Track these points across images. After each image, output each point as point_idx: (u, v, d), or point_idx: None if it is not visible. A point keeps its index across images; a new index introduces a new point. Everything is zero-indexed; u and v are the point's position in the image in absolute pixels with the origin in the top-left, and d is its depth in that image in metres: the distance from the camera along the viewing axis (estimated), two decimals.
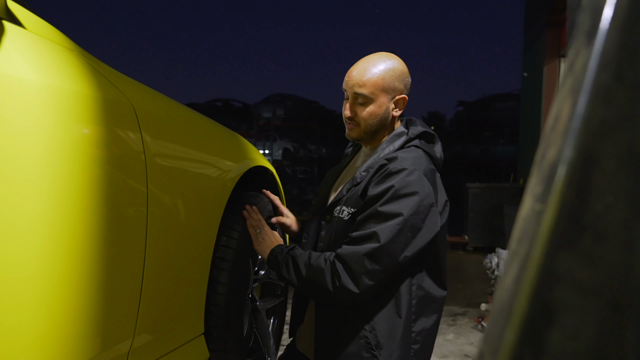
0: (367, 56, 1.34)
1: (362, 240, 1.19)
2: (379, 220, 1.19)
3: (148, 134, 1.04)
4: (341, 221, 1.30)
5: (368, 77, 1.29)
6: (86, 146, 0.88)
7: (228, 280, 1.33)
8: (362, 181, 1.30)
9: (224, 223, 1.37)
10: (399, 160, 1.25)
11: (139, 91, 1.10)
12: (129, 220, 0.98)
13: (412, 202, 1.19)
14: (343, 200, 1.32)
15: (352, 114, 1.33)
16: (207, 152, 1.34)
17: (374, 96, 1.30)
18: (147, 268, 1.03)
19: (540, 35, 8.02)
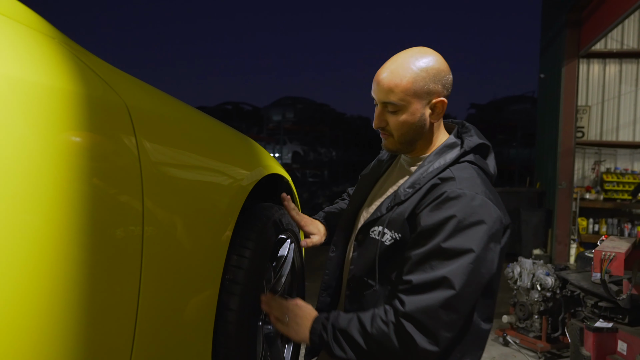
0: (396, 55, 1.16)
1: (430, 287, 1.00)
2: (445, 259, 1.00)
3: (144, 138, 0.87)
4: (381, 245, 1.13)
5: (396, 81, 1.10)
6: (66, 155, 0.71)
7: (239, 306, 1.15)
8: (408, 200, 1.12)
9: (235, 240, 1.19)
10: (457, 181, 1.07)
11: (133, 88, 0.93)
12: (120, 243, 0.80)
13: (481, 233, 1.01)
14: (384, 221, 1.14)
15: (382, 123, 1.16)
16: (214, 158, 1.16)
17: (405, 103, 1.12)
18: (142, 297, 0.86)
19: (559, 34, 7.78)
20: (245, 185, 1.24)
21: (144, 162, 0.85)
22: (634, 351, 2.70)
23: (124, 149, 0.82)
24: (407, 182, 1.15)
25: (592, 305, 3.08)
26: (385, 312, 1.04)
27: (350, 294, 1.22)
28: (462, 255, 1.00)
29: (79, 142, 0.74)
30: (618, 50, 8.21)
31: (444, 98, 1.14)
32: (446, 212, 1.03)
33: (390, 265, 1.14)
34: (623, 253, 2.24)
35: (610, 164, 8.56)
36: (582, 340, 3.01)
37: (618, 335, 2.85)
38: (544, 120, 8.60)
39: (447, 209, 1.03)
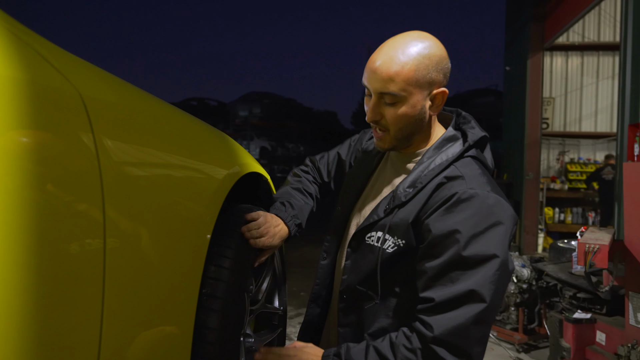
0: (392, 39, 1.02)
1: (456, 304, 0.89)
2: (468, 269, 0.90)
3: (104, 134, 0.72)
4: (382, 253, 1.01)
5: (396, 68, 0.97)
6: (5, 157, 0.56)
7: (219, 323, 1.02)
8: (410, 202, 1.00)
9: (213, 248, 1.05)
10: (467, 180, 0.97)
11: (89, 75, 0.78)
12: (77, 260, 0.66)
13: (501, 234, 0.92)
14: (384, 226, 1.02)
15: (378, 116, 1.02)
16: (187, 157, 1.02)
17: (406, 94, 0.99)
18: (106, 320, 0.71)
19: (524, 28, 7.88)
20: (222, 187, 1.10)
21: (104, 162, 0.71)
22: (612, 341, 2.70)
23: (78, 148, 0.67)
24: (406, 181, 1.04)
25: (570, 296, 3.08)
26: (408, 339, 0.92)
27: (345, 306, 1.11)
28: (485, 262, 0.90)
29: (21, 140, 0.59)
30: (580, 43, 8.39)
31: (445, 88, 1.03)
32: (460, 215, 0.93)
33: (392, 275, 1.03)
34: (607, 245, 2.22)
35: (574, 154, 8.78)
36: (562, 332, 3.00)
37: (597, 326, 2.86)
38: (510, 113, 8.72)
39: (461, 212, 0.93)
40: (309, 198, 1.30)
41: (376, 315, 1.05)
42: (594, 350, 2.79)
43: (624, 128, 3.97)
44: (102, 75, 0.84)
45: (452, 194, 0.95)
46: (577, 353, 2.87)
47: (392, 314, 1.04)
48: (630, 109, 3.98)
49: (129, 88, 0.89)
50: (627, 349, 2.38)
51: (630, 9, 4.04)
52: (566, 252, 4.15)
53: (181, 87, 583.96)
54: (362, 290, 1.07)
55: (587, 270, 2.31)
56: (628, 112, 4.01)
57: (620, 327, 2.61)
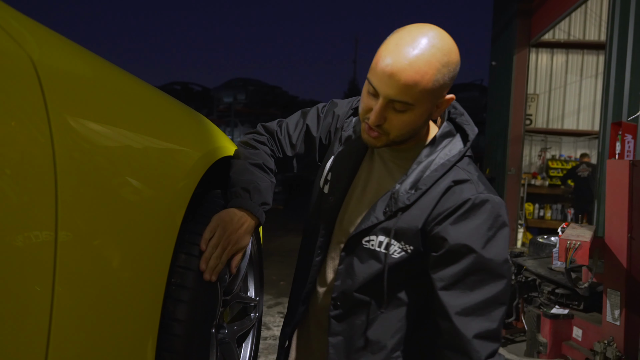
0: (409, 35, 0.90)
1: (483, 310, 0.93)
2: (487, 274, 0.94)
3: (59, 106, 0.65)
4: (388, 259, 0.98)
5: (416, 78, 0.88)
6: None
7: (188, 315, 0.96)
8: (415, 205, 0.97)
9: (183, 235, 0.99)
10: (475, 184, 0.96)
11: (45, 39, 0.70)
12: (24, 253, 0.59)
13: (507, 236, 0.96)
14: (385, 230, 0.98)
15: (382, 120, 0.94)
16: (157, 136, 0.95)
17: (420, 103, 0.92)
18: (56, 312, 0.65)
19: (511, 23, 7.89)
20: (196, 170, 1.04)
21: (58, 140, 0.63)
22: (589, 337, 2.71)
23: (28, 122, 0.60)
24: (407, 182, 0.98)
25: (548, 292, 3.09)
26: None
27: (339, 314, 1.05)
28: (502, 266, 0.94)
29: None
30: (565, 40, 8.43)
31: (453, 95, 0.98)
32: (474, 221, 0.94)
33: (396, 280, 1.00)
34: (588, 242, 2.21)
35: (556, 151, 8.86)
36: (539, 327, 3.01)
37: (574, 322, 2.87)
38: (494, 107, 8.76)
39: (475, 218, 0.94)
40: (271, 175, 1.16)
41: (378, 320, 1.02)
42: (570, 346, 2.81)
43: (607, 126, 3.99)
44: (61, 41, 0.76)
45: (464, 200, 0.94)
46: (553, 348, 2.88)
47: (396, 321, 1.02)
48: (613, 107, 4.00)
49: (92, 58, 0.82)
50: (603, 345, 2.39)
51: (617, 8, 4.05)
52: (546, 248, 4.18)
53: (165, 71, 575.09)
54: (360, 298, 1.02)
55: (567, 267, 2.30)
56: (611, 111, 4.03)
57: (597, 324, 2.62)
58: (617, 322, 2.36)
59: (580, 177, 7.37)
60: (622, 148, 3.19)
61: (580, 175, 7.39)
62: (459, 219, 0.94)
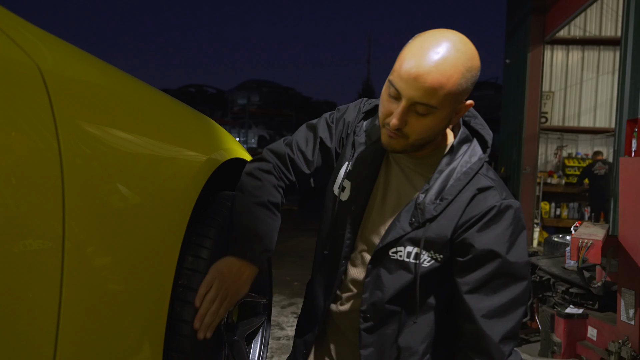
0: (433, 38, 0.91)
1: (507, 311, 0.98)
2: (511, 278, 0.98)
3: (66, 113, 0.67)
4: (419, 269, 1.01)
5: (442, 81, 0.89)
6: None
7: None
8: (441, 215, 0.99)
9: (189, 238, 1.01)
10: (498, 191, 1.00)
11: (52, 48, 0.73)
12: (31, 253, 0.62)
13: (526, 238, 1.02)
14: (413, 240, 1.01)
15: (403, 124, 0.94)
16: (164, 140, 0.97)
17: (442, 107, 0.92)
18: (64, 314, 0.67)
19: (525, 20, 7.80)
20: (202, 173, 1.06)
21: (65, 145, 0.66)
22: (604, 337, 2.68)
23: (36, 128, 0.63)
24: (431, 192, 0.99)
25: (562, 291, 3.06)
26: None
27: (372, 326, 1.06)
28: (524, 269, 0.99)
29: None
30: (581, 37, 8.31)
31: (472, 101, 0.99)
32: (499, 227, 0.98)
33: (426, 289, 1.04)
34: (600, 240, 2.18)
35: (572, 149, 8.73)
36: (553, 327, 2.98)
37: (588, 322, 2.84)
38: (509, 106, 8.66)
39: (500, 224, 0.99)
40: (275, 213, 1.11)
41: (408, 331, 1.05)
42: (585, 346, 2.78)
43: (622, 123, 3.93)
44: (68, 49, 0.78)
45: (490, 207, 0.98)
46: (567, 348, 2.85)
47: (425, 326, 1.06)
48: (629, 104, 3.94)
49: (95, 63, 0.84)
50: (618, 345, 2.36)
51: (632, 3, 3.99)
52: (560, 247, 4.13)
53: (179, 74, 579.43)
54: (391, 308, 1.04)
55: (579, 266, 2.28)
56: (627, 108, 3.97)
57: (612, 323, 2.59)
58: (631, 322, 2.33)
59: (597, 176, 7.26)
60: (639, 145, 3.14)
61: (596, 174, 7.28)
62: (485, 225, 0.98)
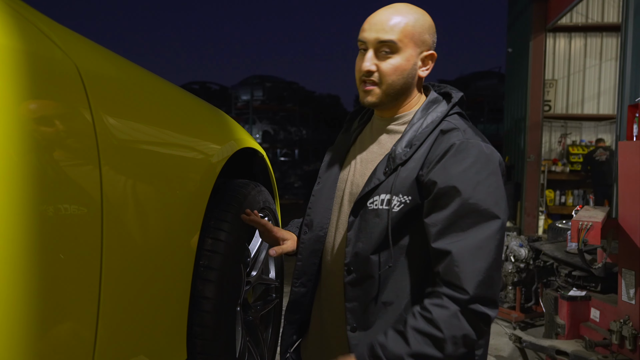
0: (388, 5, 1.10)
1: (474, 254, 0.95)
2: (477, 216, 0.95)
3: (100, 107, 0.75)
4: (390, 214, 1.03)
5: (397, 20, 1.05)
6: (3, 125, 0.60)
7: (215, 293, 1.06)
8: (410, 159, 1.04)
9: (208, 222, 1.09)
10: (461, 130, 1.02)
11: (85, 48, 0.80)
12: (76, 231, 0.70)
13: (500, 181, 0.99)
14: (386, 188, 1.05)
15: (373, 67, 1.06)
16: (183, 131, 1.05)
17: (403, 45, 1.05)
18: (104, 288, 0.75)
19: (526, 9, 7.80)
20: (217, 161, 1.14)
21: (101, 133, 0.74)
22: (606, 317, 2.75)
23: (75, 118, 0.70)
24: (402, 141, 1.07)
25: (565, 274, 3.12)
26: (443, 307, 0.95)
27: (353, 278, 1.10)
28: (494, 206, 0.96)
29: (18, 109, 0.62)
30: (583, 24, 8.30)
31: (434, 52, 1.10)
32: (462, 164, 0.98)
33: (402, 235, 1.05)
34: (600, 222, 2.24)
35: (576, 136, 8.75)
36: (557, 309, 3.05)
37: (591, 303, 2.90)
38: (512, 94, 8.68)
39: (462, 160, 0.98)
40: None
41: (389, 279, 1.06)
42: (588, 327, 2.84)
43: (623, 109, 3.97)
44: (98, 49, 0.86)
45: (451, 145, 1.00)
46: (571, 329, 2.92)
47: (407, 274, 1.06)
48: (630, 89, 3.98)
49: (125, 63, 0.92)
50: (619, 324, 2.43)
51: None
52: (563, 232, 4.19)
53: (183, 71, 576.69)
54: (372, 257, 1.07)
55: (580, 247, 2.34)
56: (628, 93, 4.00)
57: (614, 304, 2.65)
58: (632, 301, 2.40)
59: (598, 162, 7.29)
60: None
61: (598, 160, 7.32)
62: (446, 162, 0.99)
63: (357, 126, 1.23)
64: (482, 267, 0.94)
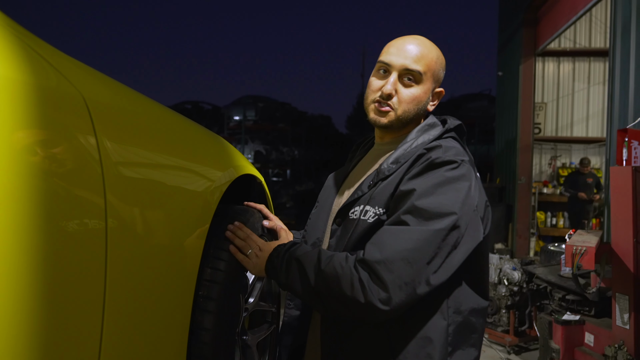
0: (413, 35, 1.15)
1: (394, 241, 0.94)
2: (419, 219, 0.95)
3: (105, 136, 0.75)
4: (363, 224, 1.04)
5: (425, 52, 1.09)
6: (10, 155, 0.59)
7: (214, 324, 1.04)
8: (393, 174, 1.06)
9: (208, 250, 1.08)
10: (443, 149, 1.03)
11: (90, 78, 0.81)
12: (79, 256, 0.69)
13: (460, 199, 0.96)
14: (365, 199, 1.07)
15: (394, 91, 1.09)
16: (185, 158, 1.05)
17: (425, 77, 1.10)
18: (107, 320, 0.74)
19: (516, 33, 7.97)
20: (218, 189, 1.13)
21: (106, 164, 0.74)
22: (600, 342, 2.75)
23: (82, 149, 0.70)
24: (391, 157, 1.10)
25: (559, 298, 3.13)
26: (346, 257, 0.98)
27: None
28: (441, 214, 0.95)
29: (26, 141, 0.62)
30: (571, 48, 8.49)
31: (443, 90, 1.16)
32: (427, 175, 0.99)
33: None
34: (594, 247, 2.26)
35: (566, 159, 8.86)
36: (551, 334, 3.05)
37: (585, 328, 2.90)
38: (502, 117, 8.80)
39: (428, 172, 0.99)
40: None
41: None
42: (583, 352, 2.84)
43: (613, 133, 4.04)
44: (102, 78, 0.87)
45: (427, 158, 1.02)
46: (566, 354, 2.91)
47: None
48: (618, 114, 4.05)
49: (128, 91, 0.93)
50: (614, 349, 2.43)
51: (618, 15, 4.12)
52: (556, 255, 4.20)
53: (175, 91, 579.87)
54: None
55: (574, 272, 2.35)
56: (617, 118, 4.08)
57: (608, 328, 2.66)
58: (626, 326, 2.40)
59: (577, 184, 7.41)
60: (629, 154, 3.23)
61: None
62: (415, 174, 1.01)
63: (358, 153, 1.26)
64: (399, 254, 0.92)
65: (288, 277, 1.02)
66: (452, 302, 1.02)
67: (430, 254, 0.92)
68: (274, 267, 1.05)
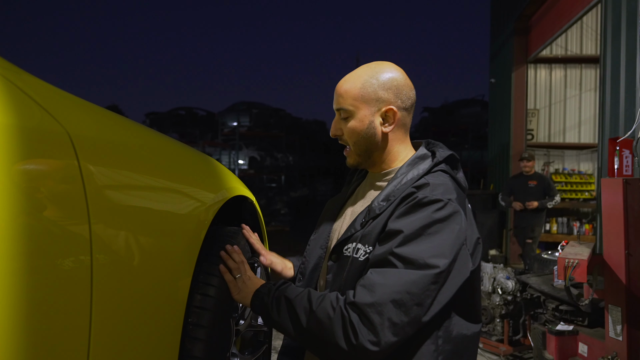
0: (353, 70, 1.18)
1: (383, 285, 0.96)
2: (408, 264, 0.96)
3: (90, 168, 0.74)
4: (355, 262, 1.06)
5: (347, 87, 1.12)
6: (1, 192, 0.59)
7: (205, 352, 1.03)
8: (382, 213, 1.07)
9: (198, 276, 1.07)
10: (430, 187, 1.04)
11: (77, 112, 0.80)
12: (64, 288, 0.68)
13: (447, 242, 0.97)
14: (357, 237, 1.08)
15: (338, 132, 1.16)
16: (174, 185, 1.04)
17: (354, 108, 1.12)
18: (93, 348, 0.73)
19: (508, 41, 8.03)
20: (208, 213, 1.13)
21: (91, 196, 0.73)
22: (594, 353, 2.75)
23: (67, 183, 0.70)
24: (381, 195, 1.10)
25: (553, 308, 3.13)
26: (336, 298, 0.99)
27: None
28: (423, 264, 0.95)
29: (12, 178, 0.61)
30: (563, 55, 8.55)
31: (395, 108, 1.11)
32: (414, 216, 0.99)
33: None
34: (586, 260, 2.27)
35: (559, 164, 8.90)
36: (545, 344, 3.05)
37: (579, 338, 2.91)
38: (495, 124, 8.84)
39: (415, 213, 1.00)
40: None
41: None
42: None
43: (604, 141, 4.07)
44: (88, 109, 0.86)
45: (413, 198, 1.02)
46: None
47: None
48: (610, 122, 4.08)
49: (114, 120, 0.92)
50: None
51: (609, 23, 4.16)
52: (550, 264, 4.22)
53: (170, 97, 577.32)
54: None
55: (567, 285, 2.36)
56: (608, 126, 4.10)
57: (601, 339, 2.66)
58: (619, 338, 2.41)
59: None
60: (621, 163, 3.25)
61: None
62: (401, 213, 1.01)
63: (355, 179, 1.28)
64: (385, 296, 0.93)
65: (279, 316, 1.03)
66: (442, 331, 1.02)
67: (420, 295, 0.94)
68: (264, 304, 1.06)
